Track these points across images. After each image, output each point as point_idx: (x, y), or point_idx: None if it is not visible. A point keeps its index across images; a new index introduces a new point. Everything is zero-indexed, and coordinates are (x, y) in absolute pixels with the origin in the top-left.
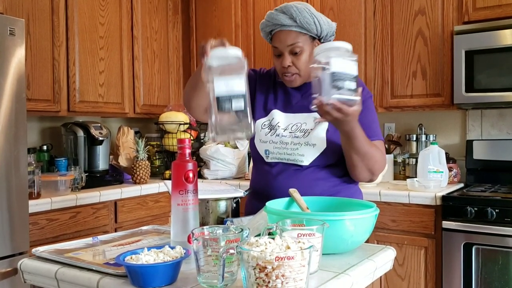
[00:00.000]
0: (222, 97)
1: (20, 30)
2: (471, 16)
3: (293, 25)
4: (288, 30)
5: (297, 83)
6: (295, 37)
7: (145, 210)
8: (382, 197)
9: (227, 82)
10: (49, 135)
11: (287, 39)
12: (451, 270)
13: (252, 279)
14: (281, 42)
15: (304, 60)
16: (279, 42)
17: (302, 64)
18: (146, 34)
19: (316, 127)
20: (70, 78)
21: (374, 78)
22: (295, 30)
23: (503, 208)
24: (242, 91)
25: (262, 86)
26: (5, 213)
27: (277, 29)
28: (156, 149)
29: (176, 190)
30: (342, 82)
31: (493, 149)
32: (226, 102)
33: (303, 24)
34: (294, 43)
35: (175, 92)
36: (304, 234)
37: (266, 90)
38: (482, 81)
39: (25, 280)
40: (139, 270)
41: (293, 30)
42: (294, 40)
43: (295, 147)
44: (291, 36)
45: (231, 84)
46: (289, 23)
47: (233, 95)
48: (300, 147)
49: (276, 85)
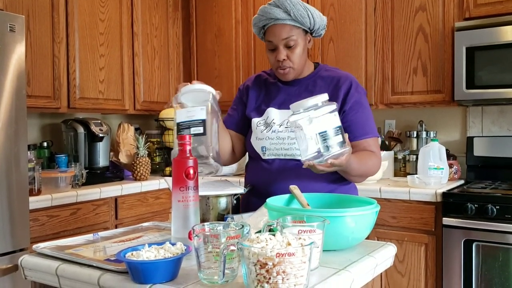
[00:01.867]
0: (182, 124)
1: (20, 26)
2: (472, 13)
3: (287, 18)
4: (282, 23)
5: (291, 77)
6: (289, 30)
7: (145, 206)
8: (383, 193)
9: (188, 111)
10: (49, 132)
11: (282, 33)
12: (451, 266)
13: (253, 275)
14: (276, 35)
15: (298, 53)
16: (274, 35)
17: (297, 57)
18: (146, 31)
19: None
20: (70, 74)
21: (374, 74)
22: (290, 24)
23: (503, 205)
24: (201, 118)
25: (254, 90)
26: (5, 210)
27: (271, 23)
28: (156, 146)
29: (176, 187)
30: (329, 140)
31: (494, 145)
32: (185, 128)
33: (297, 17)
34: (288, 37)
35: (175, 89)
36: (305, 230)
37: (259, 92)
38: (483, 77)
39: (25, 276)
40: (140, 267)
41: (287, 23)
42: (289, 34)
43: (292, 141)
44: (286, 29)
45: (192, 112)
46: (284, 17)
47: (192, 120)
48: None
49: (269, 86)
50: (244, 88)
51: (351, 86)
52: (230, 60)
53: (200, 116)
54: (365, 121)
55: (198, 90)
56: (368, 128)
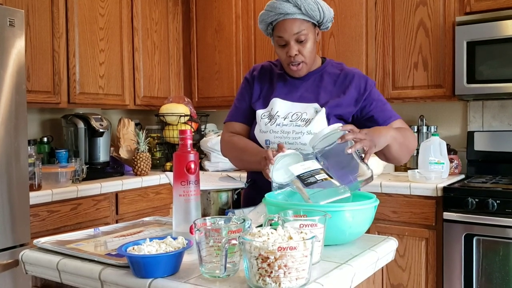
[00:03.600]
0: (303, 175)
1: (20, 21)
2: (472, 7)
3: (297, 12)
4: (293, 18)
5: (304, 72)
6: (300, 25)
7: (146, 202)
8: (383, 188)
9: (302, 165)
10: (50, 127)
11: (293, 28)
12: (452, 261)
13: (255, 269)
14: (287, 31)
15: (310, 47)
16: (284, 31)
17: (308, 52)
18: (146, 26)
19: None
20: (70, 69)
21: (375, 69)
22: (300, 18)
23: (504, 199)
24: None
25: (260, 81)
26: (6, 205)
27: (280, 18)
28: (156, 141)
29: (178, 181)
30: (312, 178)
31: (494, 140)
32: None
33: (308, 11)
34: (299, 31)
35: (175, 84)
36: (306, 224)
37: (265, 83)
38: (483, 72)
39: (26, 271)
40: (141, 261)
41: (298, 18)
42: (300, 28)
43: (297, 136)
44: (296, 24)
45: (305, 165)
46: (294, 11)
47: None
48: (302, 136)
49: (275, 76)
50: (251, 78)
51: (360, 83)
52: (231, 55)
53: (316, 166)
54: (383, 109)
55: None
56: (388, 113)
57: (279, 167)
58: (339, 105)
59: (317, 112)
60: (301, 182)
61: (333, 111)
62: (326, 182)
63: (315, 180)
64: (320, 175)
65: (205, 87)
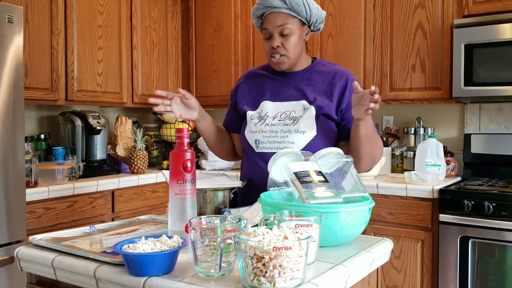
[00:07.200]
0: (300, 173)
1: (18, 17)
2: (471, 10)
3: (283, 6)
4: (278, 11)
5: (285, 66)
6: (284, 18)
7: (142, 200)
8: (380, 189)
9: (300, 164)
10: (47, 124)
11: (276, 20)
12: (447, 263)
13: (250, 269)
14: (271, 23)
15: (293, 42)
16: (269, 23)
17: (291, 46)
18: (145, 24)
19: (304, 114)
20: (68, 67)
21: (373, 70)
22: (285, 12)
23: (500, 202)
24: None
25: (250, 84)
26: (2, 202)
27: (268, 11)
28: (154, 139)
29: (174, 180)
30: (308, 177)
31: (491, 143)
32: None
33: (293, 6)
34: (283, 24)
35: (173, 82)
36: (301, 224)
37: (254, 85)
38: (481, 75)
39: (21, 268)
40: (136, 259)
41: (283, 11)
42: (284, 22)
43: (285, 134)
44: (281, 17)
45: (304, 165)
46: (279, 5)
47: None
48: (290, 135)
49: (264, 78)
50: (234, 90)
51: (347, 84)
52: (229, 55)
53: (314, 167)
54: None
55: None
56: None
57: (278, 164)
58: (326, 103)
59: (305, 109)
60: (297, 180)
61: (321, 109)
62: (322, 184)
63: (311, 180)
64: (317, 176)
65: (203, 86)
